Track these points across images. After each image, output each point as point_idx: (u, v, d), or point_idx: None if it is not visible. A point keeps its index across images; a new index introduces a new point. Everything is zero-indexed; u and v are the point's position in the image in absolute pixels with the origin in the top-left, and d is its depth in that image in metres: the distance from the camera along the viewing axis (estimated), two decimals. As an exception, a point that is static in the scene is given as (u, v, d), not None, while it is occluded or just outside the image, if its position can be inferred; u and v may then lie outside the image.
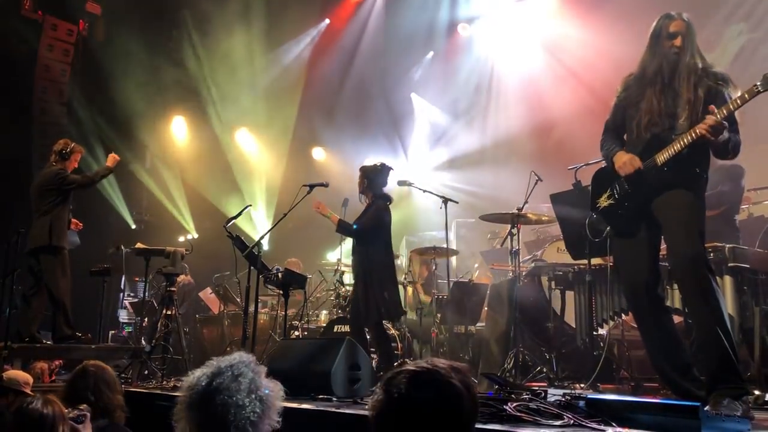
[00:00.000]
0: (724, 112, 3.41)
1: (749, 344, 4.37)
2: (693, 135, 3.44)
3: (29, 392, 4.60)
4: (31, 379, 4.72)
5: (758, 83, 3.36)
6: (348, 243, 7.46)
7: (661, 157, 3.57)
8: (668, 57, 3.65)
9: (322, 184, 6.14)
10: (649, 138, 3.66)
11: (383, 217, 6.00)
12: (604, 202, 3.84)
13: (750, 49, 8.46)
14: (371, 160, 6.85)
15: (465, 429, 1.46)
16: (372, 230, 5.96)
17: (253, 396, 2.11)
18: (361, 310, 5.79)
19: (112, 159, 6.84)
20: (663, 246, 3.82)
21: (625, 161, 3.67)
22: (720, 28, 8.73)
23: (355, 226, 5.98)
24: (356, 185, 6.23)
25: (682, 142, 3.50)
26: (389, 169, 6.21)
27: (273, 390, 2.21)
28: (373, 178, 6.09)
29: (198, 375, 2.14)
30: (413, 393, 1.42)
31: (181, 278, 9.36)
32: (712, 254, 4.38)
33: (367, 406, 1.51)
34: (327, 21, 12.43)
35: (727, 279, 4.28)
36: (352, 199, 6.58)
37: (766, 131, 7.63)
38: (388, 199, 6.12)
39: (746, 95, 3.40)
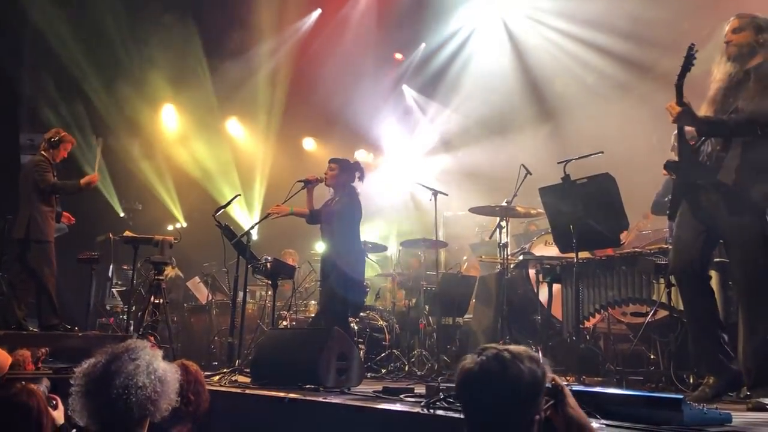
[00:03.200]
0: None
1: (732, 339, 4.42)
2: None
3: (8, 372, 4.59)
4: (9, 359, 4.67)
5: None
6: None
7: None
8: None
9: (318, 180, 6.07)
10: None
11: (358, 208, 5.97)
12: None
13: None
14: (360, 152, 6.83)
15: (520, 407, 1.74)
16: (348, 217, 5.92)
17: (153, 377, 2.17)
18: (336, 300, 5.74)
19: (87, 181, 6.73)
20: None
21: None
22: (712, 24, 8.73)
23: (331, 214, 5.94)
24: None
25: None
26: (362, 168, 6.17)
27: (170, 371, 2.27)
28: (350, 172, 6.03)
29: (92, 362, 2.20)
30: (489, 362, 1.74)
31: (169, 271, 9.34)
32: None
33: (461, 361, 1.82)
34: (319, 10, 12.37)
35: (713, 274, 4.32)
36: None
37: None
38: (357, 194, 6.07)
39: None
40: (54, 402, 3.29)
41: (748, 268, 3.54)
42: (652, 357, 5.58)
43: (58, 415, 3.24)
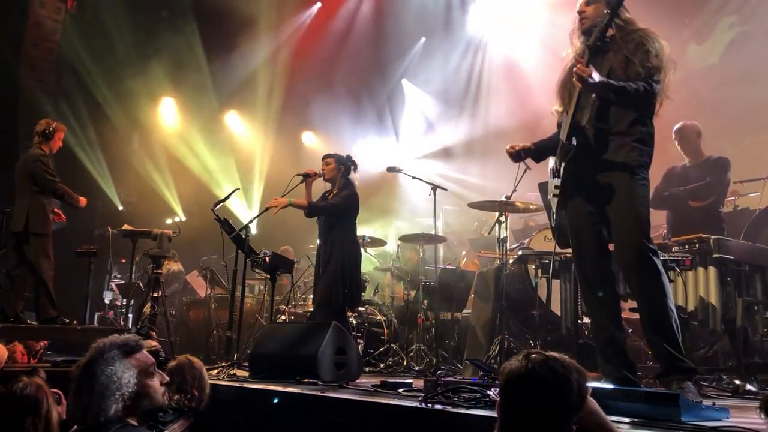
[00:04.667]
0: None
1: (731, 335, 4.43)
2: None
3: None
4: (5, 352, 4.68)
5: None
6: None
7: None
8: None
9: (317, 174, 6.08)
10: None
11: (357, 202, 5.98)
12: None
13: (740, 42, 8.49)
14: (361, 146, 6.81)
15: (563, 416, 1.76)
16: (347, 212, 5.93)
17: (130, 373, 2.29)
18: (334, 293, 5.75)
19: (83, 201, 6.78)
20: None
21: None
22: (711, 19, 8.76)
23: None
24: None
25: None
26: (355, 162, 6.18)
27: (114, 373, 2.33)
28: (348, 167, 6.06)
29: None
30: (538, 369, 1.75)
31: (170, 265, 9.34)
32: (697, 245, 4.43)
33: (504, 366, 1.85)
34: (319, 4, 12.35)
35: (712, 270, 4.33)
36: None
37: (752, 123, 7.72)
38: (355, 188, 6.08)
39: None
40: (57, 396, 3.29)
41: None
42: (649, 352, 5.58)
43: (62, 410, 3.25)
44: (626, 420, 2.43)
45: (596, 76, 3.27)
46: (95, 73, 10.75)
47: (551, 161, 3.79)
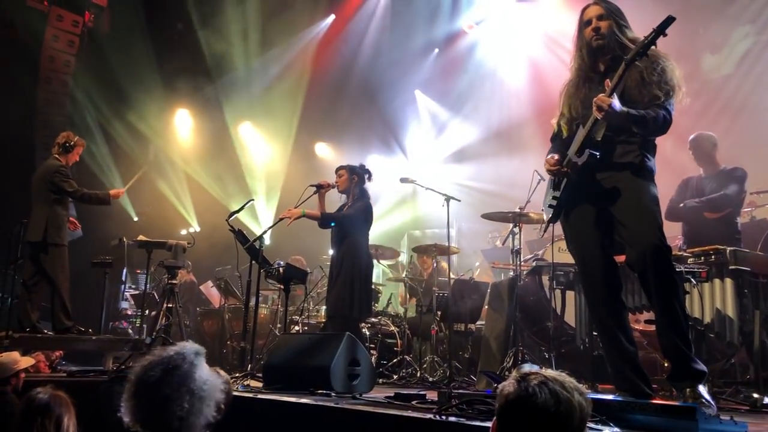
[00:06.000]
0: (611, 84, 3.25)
1: (749, 347, 4.37)
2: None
3: (26, 368, 4.65)
4: (20, 358, 4.73)
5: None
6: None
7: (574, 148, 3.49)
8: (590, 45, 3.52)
9: (330, 185, 6.13)
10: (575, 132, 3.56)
11: (370, 214, 6.02)
12: None
13: (756, 52, 8.44)
14: (374, 157, 6.85)
15: None
16: (360, 223, 5.96)
17: (184, 389, 2.05)
18: (346, 304, 5.78)
19: (116, 193, 6.96)
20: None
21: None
22: (727, 29, 8.72)
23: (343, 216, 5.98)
24: None
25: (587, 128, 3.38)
26: (369, 170, 6.24)
27: (209, 383, 2.13)
28: (362, 176, 6.12)
29: (146, 364, 2.10)
30: (538, 392, 1.62)
31: (183, 275, 9.38)
32: (713, 257, 4.38)
33: (498, 389, 1.73)
34: (332, 16, 12.43)
35: (728, 282, 4.28)
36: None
37: (769, 134, 7.66)
38: (370, 198, 6.14)
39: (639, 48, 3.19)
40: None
41: None
42: (665, 364, 5.52)
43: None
44: (642, 434, 2.41)
45: (617, 106, 3.21)
46: (110, 85, 10.87)
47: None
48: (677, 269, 3.51)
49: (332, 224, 6.09)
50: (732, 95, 8.05)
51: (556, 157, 3.58)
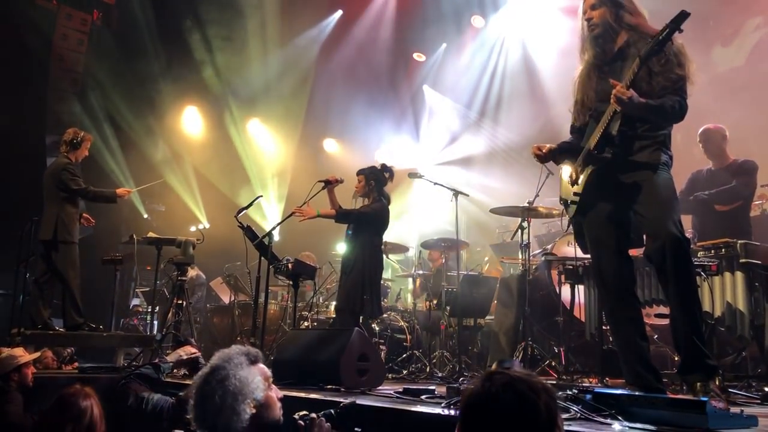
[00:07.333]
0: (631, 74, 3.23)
1: (760, 341, 4.35)
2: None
3: (28, 361, 4.66)
4: (23, 353, 4.74)
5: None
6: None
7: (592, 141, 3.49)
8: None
9: (338, 181, 6.13)
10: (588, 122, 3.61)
11: (386, 216, 6.04)
12: None
13: (766, 43, 8.37)
14: (380, 155, 6.84)
15: None
16: (374, 222, 5.97)
17: (259, 379, 2.27)
18: (357, 303, 5.81)
19: (123, 192, 7.01)
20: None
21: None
22: (736, 21, 8.65)
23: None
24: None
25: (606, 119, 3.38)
26: (390, 168, 6.24)
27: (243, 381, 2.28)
28: (379, 179, 6.13)
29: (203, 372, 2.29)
30: (501, 393, 1.53)
31: (190, 272, 9.41)
32: (724, 250, 4.36)
33: (463, 387, 1.68)
34: (340, 12, 12.41)
35: (739, 275, 4.26)
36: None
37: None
38: (389, 200, 6.15)
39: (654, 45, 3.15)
40: None
41: None
42: (676, 359, 5.51)
43: None
44: (652, 428, 2.39)
45: (635, 98, 3.20)
46: (119, 83, 10.91)
47: (566, 168, 3.76)
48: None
49: (349, 219, 6.12)
50: (743, 87, 7.98)
51: (546, 147, 3.70)
